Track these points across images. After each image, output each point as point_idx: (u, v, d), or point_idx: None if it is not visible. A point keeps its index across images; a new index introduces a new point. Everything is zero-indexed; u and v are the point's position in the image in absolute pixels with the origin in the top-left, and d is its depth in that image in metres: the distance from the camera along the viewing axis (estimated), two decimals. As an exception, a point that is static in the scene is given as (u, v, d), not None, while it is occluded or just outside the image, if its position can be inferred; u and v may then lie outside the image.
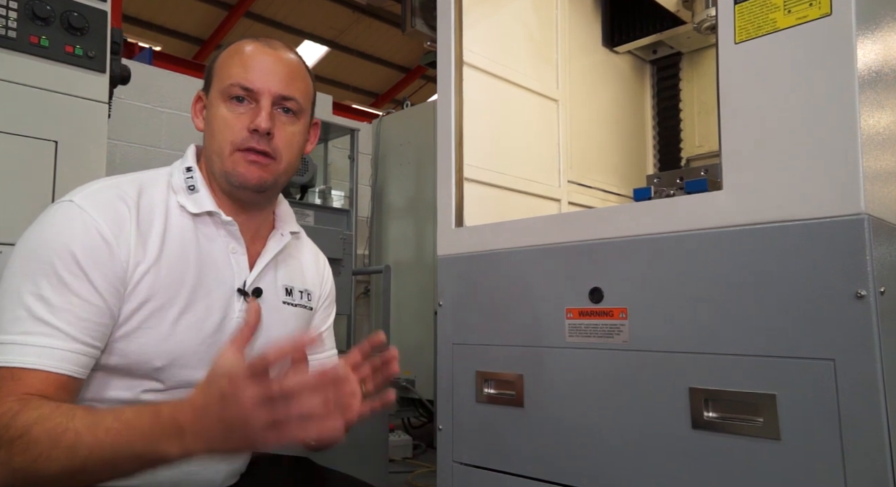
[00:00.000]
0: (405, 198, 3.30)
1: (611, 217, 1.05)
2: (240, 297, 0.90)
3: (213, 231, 0.90)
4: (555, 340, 1.09)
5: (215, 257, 0.89)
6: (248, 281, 0.92)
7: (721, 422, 0.88)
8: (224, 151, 0.88)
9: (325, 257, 1.12)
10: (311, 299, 1.03)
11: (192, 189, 0.90)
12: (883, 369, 0.76)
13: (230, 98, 0.89)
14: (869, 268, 0.77)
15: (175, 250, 0.85)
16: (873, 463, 0.75)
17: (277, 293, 0.97)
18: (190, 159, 0.93)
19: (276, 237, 0.98)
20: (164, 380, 0.83)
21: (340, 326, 3.23)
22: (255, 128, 0.87)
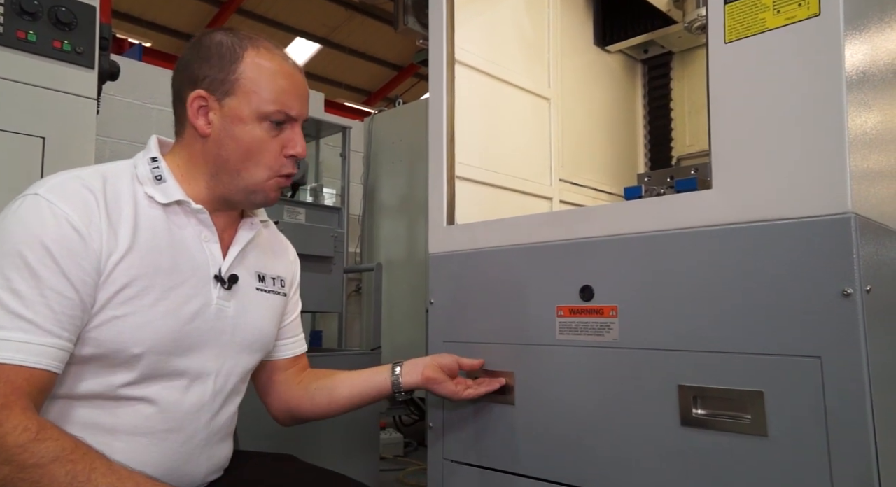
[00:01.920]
0: (397, 196, 3.30)
1: (601, 215, 1.05)
2: (217, 284, 0.91)
3: (184, 219, 0.91)
4: (545, 338, 1.09)
5: (188, 244, 0.90)
6: (222, 268, 0.92)
7: (710, 419, 0.89)
8: (259, 175, 0.91)
9: (292, 246, 1.14)
10: (284, 285, 1.05)
11: (160, 179, 0.89)
12: (868, 366, 0.76)
13: (271, 121, 0.90)
14: (855, 267, 0.78)
15: (147, 238, 0.85)
16: (859, 459, 0.76)
17: (251, 280, 0.98)
18: (154, 150, 0.92)
19: (247, 225, 0.99)
20: (141, 368, 0.83)
21: (332, 324, 3.22)
22: (295, 154, 0.93)
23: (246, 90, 0.89)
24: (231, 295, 0.93)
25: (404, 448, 3.07)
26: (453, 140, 1.33)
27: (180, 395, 0.87)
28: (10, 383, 0.72)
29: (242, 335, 0.94)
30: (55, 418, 0.80)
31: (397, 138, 3.31)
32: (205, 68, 0.90)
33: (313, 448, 1.89)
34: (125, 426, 0.83)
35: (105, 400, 0.82)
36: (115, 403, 0.83)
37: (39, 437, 0.71)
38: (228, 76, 0.89)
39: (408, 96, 3.95)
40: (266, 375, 1.09)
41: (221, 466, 0.96)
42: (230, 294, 0.93)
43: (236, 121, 0.89)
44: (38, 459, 0.71)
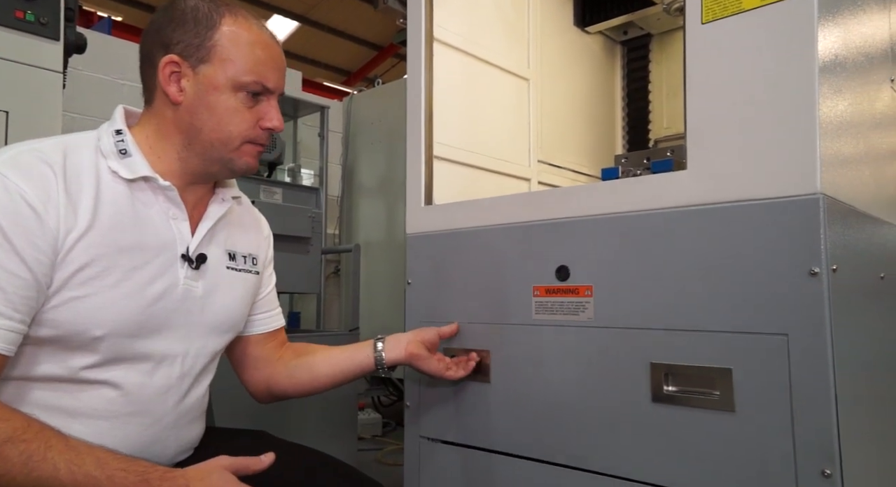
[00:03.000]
0: (376, 177, 3.27)
1: (578, 195, 1.06)
2: (184, 264, 0.89)
3: (150, 196, 0.87)
4: (522, 318, 1.10)
5: (154, 223, 0.87)
6: (190, 247, 0.90)
7: (680, 396, 0.90)
8: (233, 143, 0.89)
9: (265, 221, 1.11)
10: (257, 263, 1.03)
11: (124, 153, 0.85)
12: (832, 343, 0.78)
13: (247, 92, 0.88)
14: (823, 247, 0.80)
15: (109, 215, 0.82)
16: (821, 434, 0.78)
17: (222, 258, 0.96)
18: (119, 121, 0.89)
19: (218, 202, 0.96)
20: (103, 351, 0.81)
21: (310, 305, 3.21)
22: (271, 128, 0.91)
23: (222, 58, 0.86)
24: (199, 274, 0.91)
25: (383, 428, 3.10)
26: (431, 119, 1.32)
27: (146, 378, 0.85)
28: None
29: (212, 316, 0.93)
30: (9, 400, 0.77)
31: (376, 119, 3.28)
32: (179, 33, 0.86)
33: (291, 428, 1.90)
34: (86, 409, 0.81)
35: (64, 382, 0.80)
36: (76, 386, 0.81)
37: None
38: (204, 42, 0.86)
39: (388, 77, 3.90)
40: (241, 351, 1.07)
41: (191, 446, 0.95)
42: (198, 273, 0.91)
43: (210, 90, 0.86)
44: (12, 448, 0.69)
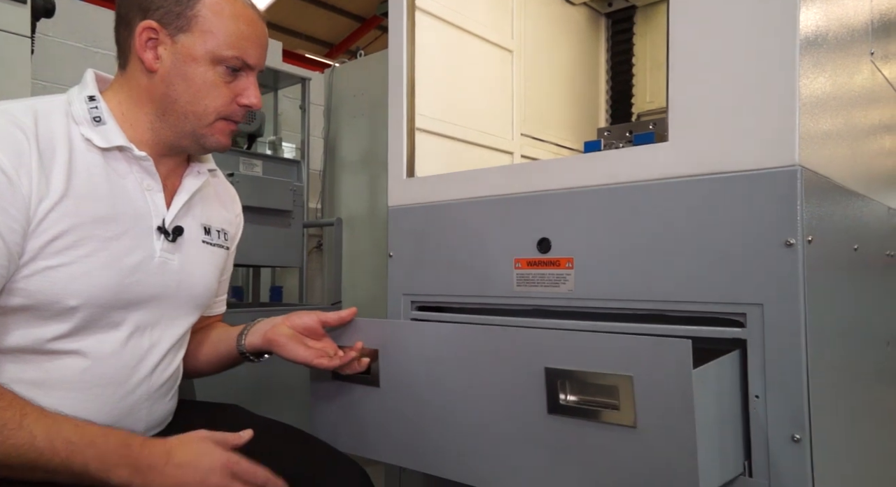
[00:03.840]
0: (359, 150, 3.24)
1: (559, 168, 1.06)
2: (160, 236, 0.87)
3: (125, 167, 0.85)
4: (503, 290, 1.10)
5: (129, 193, 0.85)
6: (166, 219, 0.88)
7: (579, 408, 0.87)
8: (207, 118, 0.87)
9: (238, 198, 1.10)
10: (227, 238, 1.02)
11: (98, 120, 0.83)
12: (806, 312, 0.80)
13: (226, 67, 0.86)
14: (799, 218, 0.81)
15: (83, 184, 0.80)
16: (792, 401, 0.81)
17: (197, 232, 0.94)
18: (91, 87, 0.86)
19: (193, 174, 0.94)
20: (76, 321, 0.79)
21: (292, 280, 3.20)
22: (249, 105, 0.89)
23: (203, 29, 0.84)
24: (176, 248, 0.89)
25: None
26: (413, 90, 1.31)
27: (117, 349, 0.84)
28: None
29: (189, 290, 0.91)
30: None
31: (359, 91, 3.23)
32: None
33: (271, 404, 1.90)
34: (57, 380, 0.79)
35: (34, 354, 0.79)
36: (46, 357, 0.79)
37: None
38: (185, 11, 0.83)
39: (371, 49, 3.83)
40: None
41: (163, 421, 0.94)
42: (175, 246, 0.89)
43: (188, 61, 0.84)
44: None
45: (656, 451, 0.73)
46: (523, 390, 0.84)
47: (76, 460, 0.70)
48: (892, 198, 1.25)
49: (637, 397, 0.74)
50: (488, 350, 0.89)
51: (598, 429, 0.78)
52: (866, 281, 1.09)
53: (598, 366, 0.78)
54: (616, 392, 0.76)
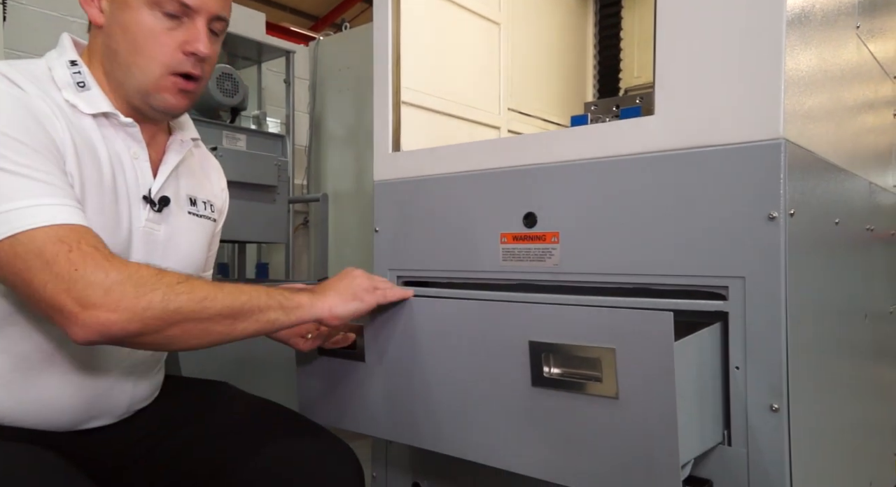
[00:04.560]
0: (344, 126, 3.20)
1: (546, 142, 1.05)
2: (146, 205, 0.86)
3: (112, 133, 0.84)
4: (489, 264, 1.11)
5: (120, 161, 0.84)
6: (153, 189, 0.87)
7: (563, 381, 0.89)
8: (151, 71, 0.81)
9: (221, 168, 1.08)
10: (214, 210, 1.00)
11: (83, 86, 0.81)
12: (787, 285, 0.81)
13: (162, 11, 0.80)
14: (782, 191, 0.81)
15: (85, 148, 0.79)
16: (771, 371, 0.82)
17: (183, 202, 0.93)
18: (71, 51, 0.84)
19: (177, 143, 0.92)
20: None
21: (278, 256, 3.18)
22: (194, 51, 0.81)
23: None
24: (162, 218, 0.88)
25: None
26: (399, 62, 1.29)
27: None
28: (94, 238, 0.72)
29: (174, 261, 0.90)
30: None
31: (344, 65, 3.18)
32: None
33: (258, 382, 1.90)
34: (41, 352, 0.79)
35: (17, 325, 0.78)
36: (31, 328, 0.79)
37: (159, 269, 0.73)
38: None
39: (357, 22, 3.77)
40: None
41: (149, 395, 0.94)
42: (161, 216, 0.88)
43: (123, 7, 0.80)
44: (178, 277, 0.72)
45: (638, 422, 0.74)
46: (507, 363, 0.84)
47: (272, 293, 0.79)
48: (874, 173, 1.27)
49: (619, 369, 0.74)
50: (473, 324, 0.89)
51: (581, 401, 0.78)
52: (846, 254, 1.10)
53: (582, 339, 0.78)
54: (599, 364, 0.77)
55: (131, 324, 0.68)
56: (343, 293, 0.86)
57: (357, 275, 0.90)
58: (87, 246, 0.69)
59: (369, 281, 0.90)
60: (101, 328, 0.67)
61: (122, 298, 0.67)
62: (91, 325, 0.67)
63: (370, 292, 0.89)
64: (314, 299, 0.83)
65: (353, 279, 0.89)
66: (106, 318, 0.67)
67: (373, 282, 0.91)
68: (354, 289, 0.87)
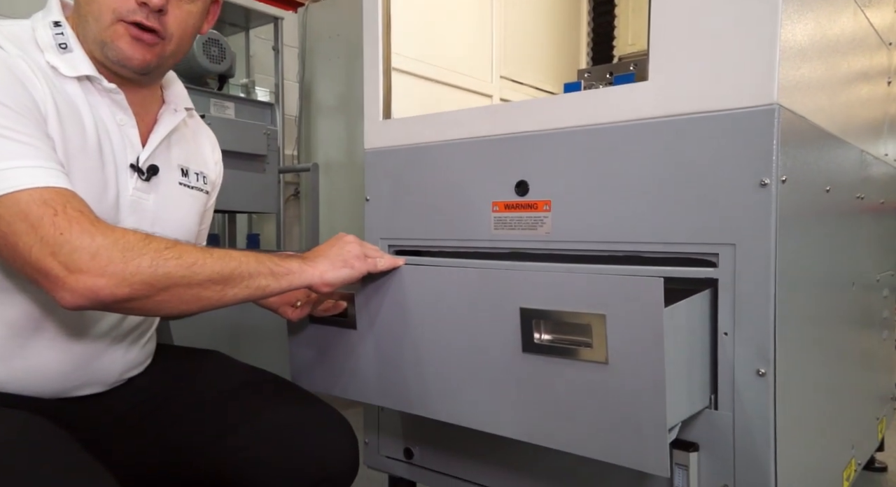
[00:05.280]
0: (335, 95, 3.15)
1: (538, 109, 1.04)
2: (133, 174, 0.84)
3: (97, 98, 0.81)
4: (481, 233, 1.10)
5: (105, 127, 0.82)
6: (141, 157, 0.85)
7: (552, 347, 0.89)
8: (103, 18, 0.78)
9: (216, 140, 1.06)
10: (207, 182, 0.99)
11: (64, 47, 0.78)
12: (777, 251, 0.81)
13: None
14: (774, 157, 0.81)
15: (68, 112, 0.77)
16: (759, 337, 0.83)
17: (173, 173, 0.91)
18: (56, 12, 0.81)
19: (170, 112, 0.90)
20: None
21: (269, 226, 3.16)
22: (145, 1, 0.77)
23: None
24: (151, 187, 0.87)
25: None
26: (389, 26, 1.26)
27: None
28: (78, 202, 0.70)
29: (164, 232, 0.89)
30: None
31: (334, 32, 3.11)
32: None
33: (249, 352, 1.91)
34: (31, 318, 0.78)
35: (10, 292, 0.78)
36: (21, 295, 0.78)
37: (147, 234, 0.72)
38: None
39: (346, -13, 3.68)
40: None
41: (141, 363, 0.94)
42: (149, 186, 0.86)
43: None
44: (165, 243, 0.71)
45: (627, 386, 0.74)
46: (499, 330, 0.85)
47: (262, 260, 0.78)
48: (866, 141, 1.26)
49: (609, 335, 0.75)
50: (464, 291, 0.89)
51: (571, 366, 0.79)
52: (836, 222, 1.11)
53: (572, 306, 0.78)
54: (589, 330, 0.77)
55: (119, 289, 0.67)
56: (334, 259, 0.85)
57: (348, 242, 0.90)
58: (73, 210, 0.68)
59: (360, 248, 0.90)
60: (89, 293, 0.66)
61: (108, 263, 0.66)
62: (78, 290, 0.66)
63: (361, 259, 0.88)
64: (305, 265, 0.82)
65: (344, 245, 0.88)
66: (94, 283, 0.66)
67: (364, 249, 0.90)
68: (345, 256, 0.86)
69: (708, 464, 0.87)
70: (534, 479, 1.06)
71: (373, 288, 0.97)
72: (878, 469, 1.62)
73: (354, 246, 0.89)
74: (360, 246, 0.90)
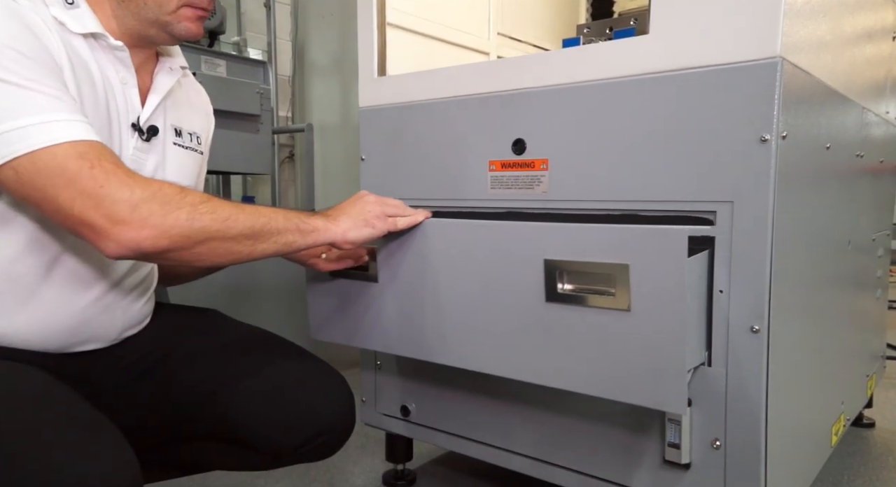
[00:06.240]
0: (329, 54, 3.09)
1: (536, 64, 1.02)
2: (134, 134, 0.84)
3: (102, 56, 0.81)
4: (477, 193, 1.09)
5: (111, 85, 0.81)
6: (141, 116, 0.85)
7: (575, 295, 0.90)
8: (168, 5, 0.81)
9: (208, 98, 1.05)
10: (201, 142, 0.98)
11: (71, 3, 0.77)
12: (775, 208, 0.81)
13: None
14: (776, 112, 0.80)
15: (79, 66, 0.76)
16: (754, 294, 0.83)
17: (169, 134, 0.91)
18: None
19: (166, 70, 0.89)
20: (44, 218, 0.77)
21: (264, 189, 3.14)
22: None
23: None
24: (150, 148, 0.86)
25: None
26: (383, -21, 1.22)
27: (91, 249, 0.81)
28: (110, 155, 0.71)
29: None
30: None
31: (327, -12, 3.03)
32: None
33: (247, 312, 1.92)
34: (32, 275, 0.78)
35: None
36: None
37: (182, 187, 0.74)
38: None
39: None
40: None
41: (140, 321, 0.94)
42: (149, 146, 0.86)
43: None
44: (200, 197, 0.73)
45: (648, 331, 0.78)
46: (522, 281, 0.88)
47: (290, 216, 0.81)
48: (868, 99, 1.25)
49: (632, 284, 0.78)
50: (489, 244, 0.92)
51: (593, 314, 0.82)
52: (835, 180, 1.10)
53: (597, 256, 0.81)
54: (612, 280, 0.80)
55: (160, 241, 0.69)
56: (356, 218, 0.88)
57: (369, 201, 0.91)
58: (108, 163, 0.69)
59: (381, 207, 0.92)
60: (132, 243, 0.68)
61: (149, 215, 0.68)
62: (122, 241, 0.68)
63: (381, 219, 0.90)
64: (328, 223, 0.85)
65: (365, 205, 0.90)
66: (136, 235, 0.68)
67: (384, 209, 0.92)
68: (366, 215, 0.89)
69: (700, 419, 0.89)
70: (527, 435, 1.08)
71: (396, 242, 1.00)
72: (866, 425, 1.65)
73: (375, 207, 0.91)
74: (381, 206, 0.92)
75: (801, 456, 1.02)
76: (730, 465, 0.86)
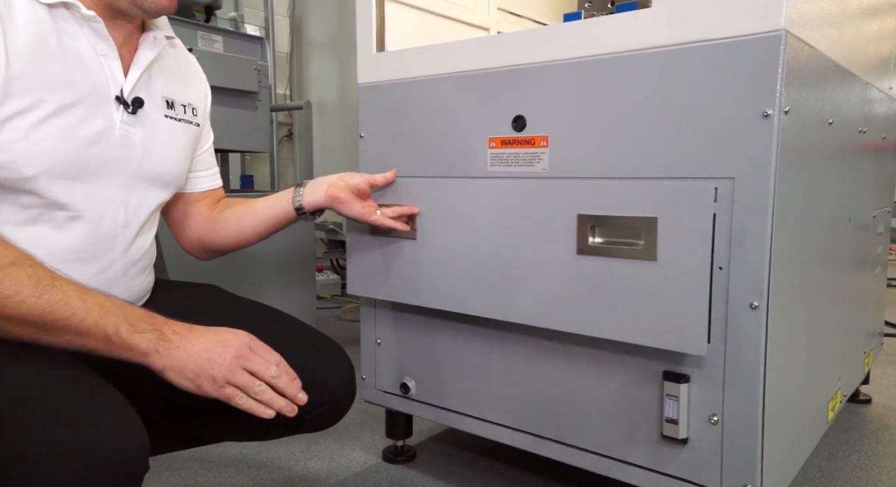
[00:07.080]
0: (327, 32, 3.05)
1: (536, 40, 1.00)
2: (119, 107, 0.82)
3: (76, 28, 0.79)
4: (477, 170, 1.09)
5: (84, 58, 0.79)
6: (124, 88, 0.83)
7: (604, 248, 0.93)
8: None
9: (200, 67, 1.03)
10: (197, 114, 0.97)
11: None
12: (776, 185, 0.80)
13: None
14: (779, 86, 0.79)
15: (29, 43, 0.74)
16: (754, 271, 0.83)
17: (158, 106, 0.89)
18: None
19: (150, 40, 0.88)
20: (41, 194, 0.76)
21: (263, 167, 3.13)
22: None
23: None
24: (137, 121, 0.85)
25: (342, 288, 3.19)
26: (381, -49, 1.20)
27: (92, 226, 0.82)
28: None
29: (152, 166, 0.88)
30: None
31: (325, -37, 2.98)
32: None
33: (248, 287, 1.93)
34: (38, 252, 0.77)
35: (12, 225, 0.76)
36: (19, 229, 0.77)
37: None
38: None
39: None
40: (179, 209, 1.04)
41: (141, 297, 0.94)
42: (136, 119, 0.85)
43: None
44: (8, 259, 0.67)
45: (672, 280, 0.85)
46: (554, 235, 0.96)
47: (108, 320, 0.70)
48: (872, 74, 1.23)
49: (660, 235, 0.86)
50: (525, 202, 0.99)
51: (622, 264, 0.90)
52: (837, 156, 1.09)
53: (627, 210, 0.89)
54: (641, 232, 0.87)
55: None
56: (192, 364, 0.73)
57: (232, 354, 0.74)
58: None
59: (233, 373, 0.74)
60: None
61: None
62: None
63: (215, 385, 0.73)
64: (159, 350, 0.72)
65: (224, 354, 0.74)
66: None
67: (235, 376, 0.74)
68: (208, 368, 0.73)
69: (698, 395, 0.89)
70: (526, 411, 1.08)
71: (437, 201, 1.09)
72: (862, 401, 1.67)
73: (227, 368, 0.73)
74: (233, 373, 0.74)
75: (798, 431, 1.03)
76: (727, 440, 0.87)
